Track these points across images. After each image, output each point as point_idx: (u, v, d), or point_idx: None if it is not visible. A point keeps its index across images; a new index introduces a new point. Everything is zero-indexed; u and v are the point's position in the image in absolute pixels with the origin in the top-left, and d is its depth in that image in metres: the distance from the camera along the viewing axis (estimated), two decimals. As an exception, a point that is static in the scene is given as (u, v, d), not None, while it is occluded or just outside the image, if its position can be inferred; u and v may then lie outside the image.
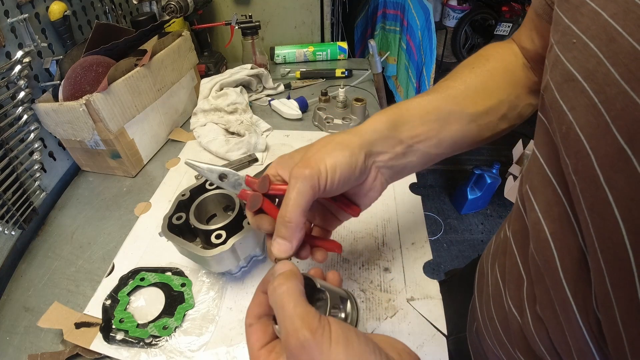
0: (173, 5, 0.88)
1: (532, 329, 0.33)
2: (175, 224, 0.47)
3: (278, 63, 1.15)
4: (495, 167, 1.76)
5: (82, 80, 0.64)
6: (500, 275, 0.39)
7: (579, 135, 0.23)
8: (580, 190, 0.24)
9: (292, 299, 0.24)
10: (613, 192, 0.21)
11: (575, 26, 0.24)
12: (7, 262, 0.56)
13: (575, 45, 0.24)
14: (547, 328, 0.31)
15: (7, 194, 0.56)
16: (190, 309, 0.48)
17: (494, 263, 0.42)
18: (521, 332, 0.35)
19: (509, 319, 0.37)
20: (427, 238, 0.56)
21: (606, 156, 0.21)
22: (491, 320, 0.42)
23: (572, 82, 0.24)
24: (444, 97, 0.36)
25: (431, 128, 0.35)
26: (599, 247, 0.22)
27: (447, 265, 1.68)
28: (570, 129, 0.24)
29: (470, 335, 0.52)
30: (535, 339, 0.33)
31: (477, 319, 0.47)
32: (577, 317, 0.27)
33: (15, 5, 0.60)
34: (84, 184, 0.74)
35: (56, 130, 0.66)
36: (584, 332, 0.26)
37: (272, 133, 0.82)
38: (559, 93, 0.25)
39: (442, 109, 0.36)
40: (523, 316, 0.34)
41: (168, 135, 0.83)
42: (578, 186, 0.24)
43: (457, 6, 3.08)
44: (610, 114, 0.21)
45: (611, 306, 0.22)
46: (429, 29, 1.75)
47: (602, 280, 0.23)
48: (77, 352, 0.45)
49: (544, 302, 0.31)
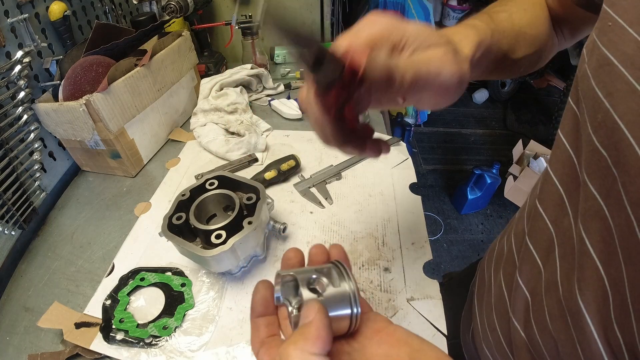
0: (173, 5, 0.88)
1: (539, 341, 0.32)
2: (175, 224, 0.47)
3: (278, 63, 1.15)
4: (495, 167, 1.76)
5: (82, 80, 0.64)
6: (506, 284, 0.38)
7: (618, 123, 0.21)
8: (622, 184, 0.22)
9: None
10: None
11: (612, 9, 0.23)
12: (7, 262, 0.56)
13: (611, 28, 0.22)
14: (556, 341, 0.29)
15: (7, 194, 0.56)
16: (190, 309, 0.48)
17: (498, 270, 0.41)
18: (526, 346, 0.34)
19: (512, 331, 0.36)
20: (427, 238, 0.56)
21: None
22: (493, 331, 0.40)
23: (608, 67, 0.22)
24: (504, 34, 0.35)
25: (486, 69, 0.35)
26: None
27: (447, 265, 1.68)
28: (607, 117, 0.22)
29: (465, 342, 0.51)
30: (542, 351, 0.31)
31: (476, 328, 0.45)
32: (592, 330, 0.25)
33: (15, 5, 0.60)
34: (84, 184, 0.74)
35: (56, 130, 0.66)
36: (599, 346, 0.25)
37: (272, 133, 0.82)
38: (595, 79, 0.24)
39: (501, 47, 0.35)
40: (528, 328, 0.33)
41: (168, 135, 0.83)
42: (620, 180, 0.22)
43: (457, 6, 3.09)
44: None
45: None
46: (429, 29, 1.75)
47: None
48: (77, 352, 0.45)
49: (554, 314, 0.29)
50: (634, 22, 0.21)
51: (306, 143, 0.78)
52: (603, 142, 0.23)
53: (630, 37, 0.21)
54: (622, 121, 0.21)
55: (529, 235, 0.35)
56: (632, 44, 0.21)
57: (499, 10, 0.37)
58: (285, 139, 0.80)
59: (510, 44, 0.36)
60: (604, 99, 0.23)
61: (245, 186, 0.52)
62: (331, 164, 0.71)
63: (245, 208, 0.50)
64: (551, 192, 0.31)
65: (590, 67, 0.25)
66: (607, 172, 0.23)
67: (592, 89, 0.24)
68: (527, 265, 0.34)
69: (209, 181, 0.52)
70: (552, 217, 0.31)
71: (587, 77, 0.25)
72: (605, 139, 0.23)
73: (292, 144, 0.78)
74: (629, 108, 0.21)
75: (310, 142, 0.78)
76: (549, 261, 0.31)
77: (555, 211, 0.31)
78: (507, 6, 0.38)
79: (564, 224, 0.29)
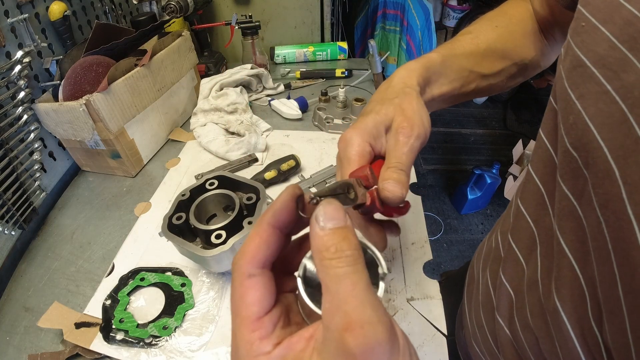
0: (173, 5, 0.88)
1: (522, 338, 0.32)
2: (175, 224, 0.47)
3: (278, 63, 1.15)
4: (495, 167, 1.76)
5: (82, 80, 0.64)
6: (492, 282, 0.38)
7: (589, 125, 0.21)
8: (592, 185, 0.21)
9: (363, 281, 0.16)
10: (626, 187, 0.19)
11: (586, 9, 0.22)
12: (7, 262, 0.56)
13: (585, 28, 0.22)
14: (537, 338, 0.30)
15: (7, 194, 0.56)
16: (190, 309, 0.48)
17: (485, 268, 0.41)
18: (510, 342, 0.34)
19: (497, 328, 0.36)
20: (427, 238, 0.56)
21: (621, 148, 0.19)
22: (480, 328, 0.41)
23: (581, 68, 0.22)
24: (466, 55, 0.38)
25: (454, 87, 0.38)
26: (613, 249, 0.20)
27: (447, 265, 1.68)
28: (578, 119, 0.22)
29: (458, 339, 0.51)
30: (525, 347, 0.32)
31: (466, 325, 0.45)
32: (569, 328, 0.25)
33: (15, 5, 0.60)
34: (84, 184, 0.74)
35: (56, 130, 0.66)
36: (576, 343, 0.25)
37: (272, 133, 0.82)
38: (568, 80, 0.24)
39: (465, 67, 0.38)
40: (512, 324, 0.33)
41: (168, 135, 0.83)
42: (590, 181, 0.22)
43: (457, 6, 3.09)
44: (626, 102, 0.19)
45: (621, 314, 0.20)
46: (429, 29, 1.76)
47: (613, 286, 0.20)
48: (77, 352, 0.45)
49: (535, 312, 0.30)
50: (607, 21, 0.20)
51: (306, 143, 0.78)
52: (574, 144, 0.23)
53: (603, 36, 0.20)
54: (592, 123, 0.21)
55: (512, 234, 0.35)
56: (604, 43, 0.20)
57: (464, 32, 0.41)
58: (285, 139, 0.80)
59: (475, 61, 0.38)
60: (576, 100, 0.23)
61: (245, 186, 0.52)
62: (331, 164, 0.71)
63: (245, 208, 0.50)
64: (532, 191, 0.31)
65: (565, 68, 0.25)
66: (579, 173, 0.23)
67: (565, 90, 0.24)
68: (510, 264, 0.34)
69: (209, 181, 0.52)
70: (533, 216, 0.31)
71: (561, 78, 0.25)
72: (576, 140, 0.23)
73: (292, 144, 0.78)
74: (599, 110, 0.21)
75: (310, 142, 0.78)
76: (531, 259, 0.31)
77: (536, 210, 0.31)
78: (475, 26, 0.41)
79: (545, 222, 0.29)
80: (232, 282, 0.19)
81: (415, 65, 0.35)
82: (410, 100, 0.32)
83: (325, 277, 0.16)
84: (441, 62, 0.37)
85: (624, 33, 0.19)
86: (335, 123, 0.80)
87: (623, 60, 0.19)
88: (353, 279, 0.16)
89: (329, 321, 0.16)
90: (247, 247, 0.19)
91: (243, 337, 0.18)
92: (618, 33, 0.20)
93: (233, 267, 0.19)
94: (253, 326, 0.18)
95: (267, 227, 0.20)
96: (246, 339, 0.17)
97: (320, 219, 0.18)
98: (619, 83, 0.19)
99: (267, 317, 0.18)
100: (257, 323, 0.18)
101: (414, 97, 0.32)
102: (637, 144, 0.18)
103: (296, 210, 0.21)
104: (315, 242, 0.17)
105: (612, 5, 0.20)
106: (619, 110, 0.19)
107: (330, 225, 0.17)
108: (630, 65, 0.19)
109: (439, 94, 0.37)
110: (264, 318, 0.18)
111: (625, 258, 0.19)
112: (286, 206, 0.20)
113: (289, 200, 0.20)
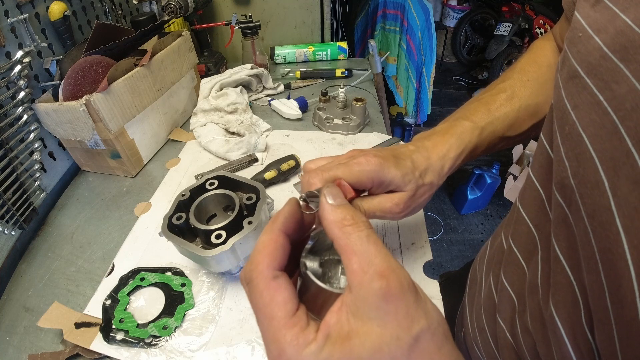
0: (173, 5, 0.88)
1: (520, 340, 0.32)
2: (175, 224, 0.47)
3: (278, 63, 1.15)
4: (495, 167, 1.76)
5: (82, 80, 0.64)
6: (494, 285, 0.38)
7: (582, 135, 0.21)
8: (579, 195, 0.22)
9: (380, 241, 0.20)
10: (615, 199, 0.19)
11: (584, 20, 0.22)
12: (7, 262, 0.56)
13: (580, 38, 0.22)
14: (535, 341, 0.30)
15: (7, 194, 0.56)
16: (190, 309, 0.48)
17: (489, 272, 0.41)
18: (511, 346, 0.34)
19: (498, 331, 0.36)
20: (427, 238, 0.56)
21: (612, 159, 0.19)
22: (482, 331, 0.40)
23: (576, 79, 0.22)
24: (502, 119, 0.39)
25: (482, 152, 0.41)
26: (600, 259, 0.20)
27: (447, 266, 1.68)
28: (573, 129, 0.22)
29: (457, 341, 0.51)
30: (523, 351, 0.32)
31: (467, 327, 0.45)
32: (562, 333, 0.25)
33: (15, 5, 0.60)
34: (84, 184, 0.74)
35: (56, 130, 0.66)
36: (569, 349, 0.25)
37: (272, 133, 0.82)
38: (565, 91, 0.24)
39: (497, 135, 0.39)
40: (513, 327, 0.33)
41: (168, 135, 0.83)
42: (577, 191, 0.22)
43: (457, 6, 3.08)
44: (618, 114, 0.19)
45: (609, 323, 0.20)
46: (429, 29, 1.75)
47: (601, 295, 0.20)
48: (77, 352, 0.45)
49: (535, 315, 0.30)
50: (600, 30, 0.20)
51: (306, 143, 0.78)
52: (567, 153, 0.23)
53: (596, 45, 0.20)
54: (585, 133, 0.21)
55: (512, 238, 0.35)
56: (596, 52, 0.20)
57: (499, 89, 0.41)
58: (285, 139, 0.80)
59: (509, 125, 0.39)
60: (571, 110, 0.23)
61: (245, 186, 0.52)
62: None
63: (245, 208, 0.50)
64: (532, 196, 0.31)
65: (562, 79, 0.25)
66: (567, 182, 0.23)
67: (562, 100, 0.24)
68: (512, 267, 0.34)
69: (209, 181, 0.52)
70: (534, 221, 0.31)
71: (558, 88, 0.25)
72: (570, 150, 0.23)
73: (292, 144, 0.78)
74: (591, 120, 0.21)
75: (310, 142, 0.78)
76: (532, 264, 0.31)
77: (537, 215, 0.31)
78: (509, 82, 0.41)
79: (546, 228, 0.29)
80: (254, 289, 0.20)
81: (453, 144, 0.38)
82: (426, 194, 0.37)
83: (349, 241, 0.20)
84: (478, 136, 0.38)
85: (615, 42, 0.19)
86: (335, 123, 0.80)
87: (614, 70, 0.19)
88: (374, 238, 0.20)
89: (362, 277, 0.18)
90: (263, 253, 0.21)
91: (285, 337, 0.19)
92: (610, 42, 0.19)
93: (251, 275, 0.21)
94: (292, 322, 0.19)
95: (279, 233, 0.22)
96: (289, 336, 0.19)
97: (331, 198, 0.23)
98: (611, 94, 0.19)
99: (300, 310, 0.20)
100: (294, 319, 0.19)
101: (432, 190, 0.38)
102: (627, 157, 0.18)
103: (300, 210, 0.25)
104: (333, 215, 0.21)
105: (609, 16, 0.20)
106: (611, 122, 0.19)
107: (339, 202, 0.22)
108: (622, 76, 0.19)
109: (462, 163, 0.40)
110: (298, 312, 0.20)
111: (612, 269, 0.19)
112: (294, 213, 0.24)
113: (295, 207, 0.24)
